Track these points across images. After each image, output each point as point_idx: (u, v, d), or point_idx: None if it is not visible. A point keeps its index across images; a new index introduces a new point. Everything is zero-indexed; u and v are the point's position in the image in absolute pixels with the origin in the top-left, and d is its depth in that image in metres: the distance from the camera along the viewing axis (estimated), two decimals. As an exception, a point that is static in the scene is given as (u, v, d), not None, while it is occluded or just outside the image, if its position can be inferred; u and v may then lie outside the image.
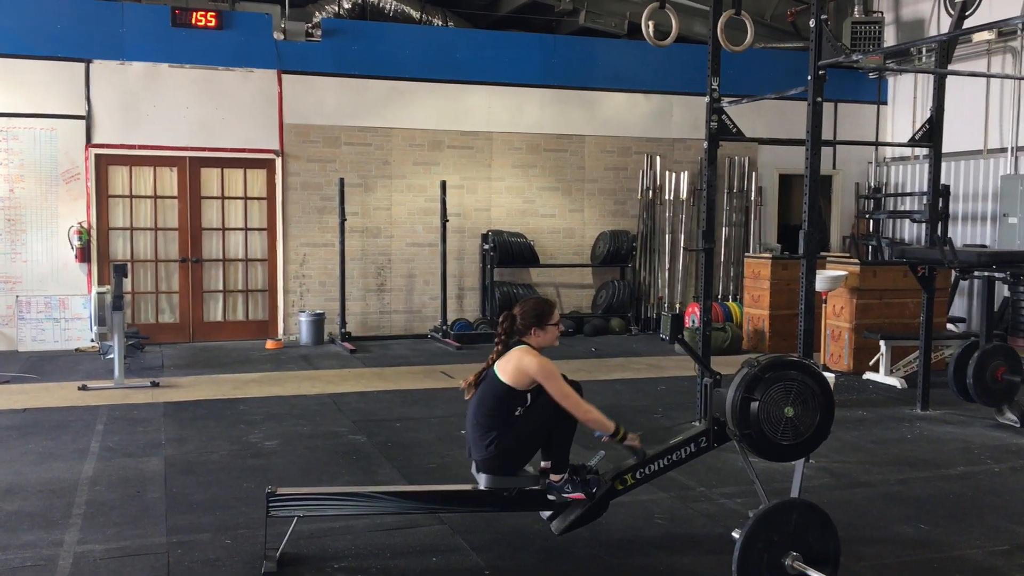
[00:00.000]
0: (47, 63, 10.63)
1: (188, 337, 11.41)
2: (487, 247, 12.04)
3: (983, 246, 11.56)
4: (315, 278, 11.73)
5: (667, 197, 12.89)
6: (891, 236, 13.32)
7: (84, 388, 8.33)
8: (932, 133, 7.57)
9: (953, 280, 10.80)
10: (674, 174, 12.89)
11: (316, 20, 11.68)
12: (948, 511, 5.17)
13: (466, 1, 12.82)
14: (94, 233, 10.89)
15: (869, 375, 9.25)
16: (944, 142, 7.68)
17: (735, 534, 3.84)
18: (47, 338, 10.70)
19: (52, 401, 7.87)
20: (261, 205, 11.62)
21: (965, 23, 7.72)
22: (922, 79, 12.87)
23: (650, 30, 7.45)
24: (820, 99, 5.95)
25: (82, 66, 10.75)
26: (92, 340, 10.06)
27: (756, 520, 3.72)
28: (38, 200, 10.72)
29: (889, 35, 12.91)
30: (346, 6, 11.87)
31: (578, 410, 4.32)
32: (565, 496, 4.35)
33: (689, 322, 10.92)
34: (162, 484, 5.50)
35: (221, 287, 11.53)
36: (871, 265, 10.07)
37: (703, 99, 7.07)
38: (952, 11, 7.91)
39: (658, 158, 12.90)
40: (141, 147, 11.00)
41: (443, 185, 11.63)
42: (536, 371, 4.28)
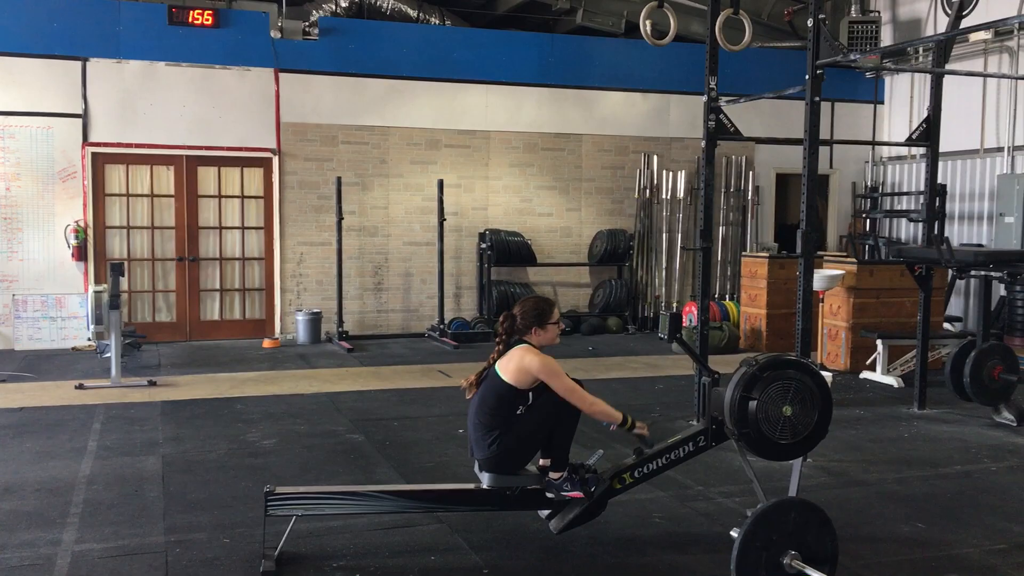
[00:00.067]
0: (43, 61, 10.61)
1: (185, 336, 11.40)
2: (484, 246, 12.03)
3: (980, 245, 11.58)
4: (312, 277, 11.72)
5: (664, 196, 12.90)
6: (888, 235, 13.34)
7: (81, 387, 8.31)
8: (929, 132, 7.58)
9: (950, 279, 10.82)
10: (671, 173, 12.90)
11: (313, 19, 11.66)
12: (945, 510, 5.18)
13: (463, 0, 12.82)
14: (91, 232, 10.87)
15: (866, 374, 9.26)
16: (941, 141, 7.69)
17: (734, 533, 3.84)
18: (43, 337, 10.69)
19: (49, 400, 7.85)
20: (258, 204, 11.60)
21: (962, 23, 7.72)
22: (919, 79, 12.89)
23: (648, 29, 7.43)
24: (818, 98, 5.95)
25: (79, 64, 10.73)
26: (89, 339, 10.03)
27: (754, 519, 3.72)
28: (34, 199, 10.70)
29: (886, 35, 12.92)
30: (343, 5, 11.84)
31: (584, 403, 4.34)
32: (564, 494, 4.36)
33: (686, 321, 10.94)
34: (160, 483, 5.50)
35: (218, 286, 11.52)
36: (868, 264, 10.08)
37: (700, 98, 7.08)
38: (949, 11, 7.91)
39: (655, 157, 12.91)
40: (138, 145, 10.98)
41: (440, 184, 11.62)
42: (539, 369, 4.28)
